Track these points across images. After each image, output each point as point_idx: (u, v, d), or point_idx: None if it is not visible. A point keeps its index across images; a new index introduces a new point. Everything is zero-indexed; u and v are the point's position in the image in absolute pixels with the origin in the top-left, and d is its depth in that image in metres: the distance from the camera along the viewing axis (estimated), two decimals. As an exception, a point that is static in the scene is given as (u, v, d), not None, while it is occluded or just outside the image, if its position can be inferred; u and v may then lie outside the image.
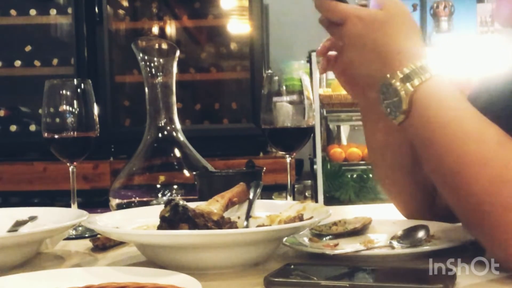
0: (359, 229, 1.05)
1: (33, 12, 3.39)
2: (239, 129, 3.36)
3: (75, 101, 1.20)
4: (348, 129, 4.02)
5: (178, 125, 1.40)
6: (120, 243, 1.07)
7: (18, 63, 3.37)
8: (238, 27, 3.56)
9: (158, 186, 1.37)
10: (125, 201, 1.35)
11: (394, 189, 1.14)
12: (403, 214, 1.16)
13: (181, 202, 0.91)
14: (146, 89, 1.38)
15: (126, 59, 3.40)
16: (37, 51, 3.43)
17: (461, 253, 0.88)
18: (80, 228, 1.18)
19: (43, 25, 3.48)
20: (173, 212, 0.90)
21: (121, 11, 3.64)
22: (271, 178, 2.63)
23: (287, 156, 1.21)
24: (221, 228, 0.93)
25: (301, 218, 0.96)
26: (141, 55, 1.37)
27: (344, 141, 3.97)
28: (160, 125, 1.38)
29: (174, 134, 1.40)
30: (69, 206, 1.18)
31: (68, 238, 1.15)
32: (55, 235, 1.02)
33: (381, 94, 0.87)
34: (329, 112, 3.61)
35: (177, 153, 1.40)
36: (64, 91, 1.20)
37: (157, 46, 1.41)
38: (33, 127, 3.31)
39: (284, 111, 1.18)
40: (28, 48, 3.42)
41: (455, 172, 0.81)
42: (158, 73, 1.37)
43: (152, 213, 0.99)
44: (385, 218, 1.15)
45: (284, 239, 0.95)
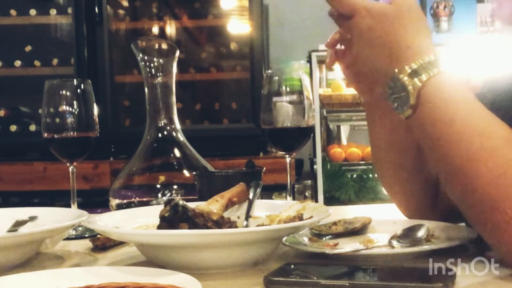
0: (359, 229, 1.05)
1: (33, 12, 3.40)
2: (239, 129, 3.36)
3: (75, 101, 1.20)
4: (348, 129, 4.02)
5: (178, 125, 1.40)
6: (120, 243, 1.07)
7: (18, 63, 3.37)
8: (238, 27, 3.56)
9: (158, 186, 1.37)
10: (125, 201, 1.35)
11: (396, 188, 1.14)
12: (404, 214, 1.16)
13: (181, 202, 0.91)
14: (146, 89, 1.38)
15: (126, 59, 3.40)
16: (37, 51, 3.43)
17: (461, 253, 0.88)
18: (80, 228, 1.18)
19: (43, 25, 3.49)
20: (173, 212, 0.90)
21: (121, 11, 3.64)
22: (271, 178, 2.63)
23: (287, 156, 1.21)
24: (221, 228, 0.93)
25: (300, 218, 0.96)
26: (141, 55, 1.37)
27: (344, 141, 3.97)
28: (160, 125, 1.38)
29: (174, 134, 1.40)
30: (69, 206, 1.18)
31: (68, 238, 1.15)
32: (55, 235, 1.02)
33: (388, 88, 0.87)
34: (329, 112, 3.61)
35: (177, 153, 1.40)
36: (64, 91, 1.20)
37: (157, 46, 1.41)
38: (33, 127, 3.31)
39: (284, 111, 1.18)
40: (28, 48, 3.42)
41: (461, 167, 0.81)
42: (158, 73, 1.37)
43: (152, 213, 0.99)
44: (385, 218, 1.15)
45: (284, 239, 0.95)
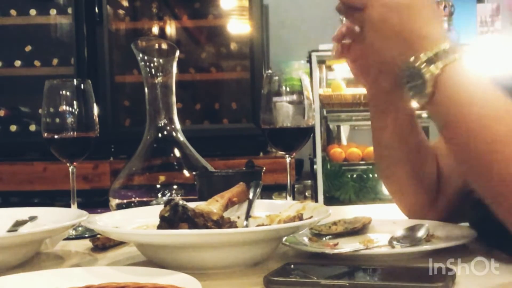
0: (359, 229, 1.05)
1: (33, 12, 3.39)
2: (239, 129, 3.35)
3: (75, 101, 1.20)
4: (348, 129, 4.01)
5: (178, 125, 1.40)
6: (120, 243, 1.07)
7: (18, 63, 3.37)
8: (238, 27, 3.56)
9: (158, 186, 1.37)
10: (125, 201, 1.35)
11: (397, 186, 1.14)
12: (403, 212, 1.16)
13: (181, 202, 0.92)
14: (146, 89, 1.38)
15: (126, 59, 3.40)
16: (37, 51, 3.43)
17: (461, 253, 0.88)
18: (80, 228, 1.18)
19: (43, 25, 3.48)
20: (172, 212, 0.90)
21: (121, 11, 3.64)
22: (271, 178, 2.63)
23: (287, 156, 1.21)
24: (221, 228, 0.93)
25: (300, 218, 0.96)
26: (141, 55, 1.37)
27: (344, 141, 3.97)
28: (160, 125, 1.38)
29: (174, 134, 1.40)
30: (69, 206, 1.18)
31: (68, 238, 1.15)
32: (55, 235, 1.02)
33: (404, 77, 0.87)
34: (329, 112, 3.60)
35: (177, 153, 1.40)
36: (64, 91, 1.20)
37: (157, 46, 1.41)
38: (33, 127, 3.30)
39: (284, 111, 1.18)
40: (28, 48, 3.42)
41: (484, 153, 0.80)
42: (158, 73, 1.37)
43: (152, 213, 0.99)
44: (385, 218, 1.15)
45: (284, 239, 0.95)
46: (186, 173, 1.38)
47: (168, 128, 1.39)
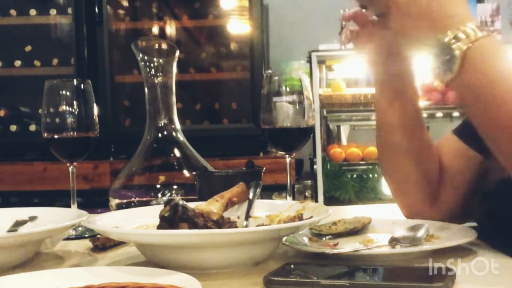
0: (359, 229, 1.05)
1: (33, 12, 3.39)
2: (239, 129, 3.35)
3: (75, 101, 1.20)
4: (348, 129, 4.01)
5: (178, 125, 1.40)
6: (120, 243, 1.07)
7: (18, 63, 3.37)
8: (238, 27, 3.55)
9: (158, 186, 1.37)
10: (125, 201, 1.35)
11: (398, 177, 1.15)
12: (403, 211, 1.16)
13: (181, 202, 0.91)
14: (146, 89, 1.38)
15: (126, 59, 3.40)
16: (37, 51, 3.43)
17: (461, 253, 0.88)
18: (80, 228, 1.18)
19: (43, 25, 3.48)
20: (172, 212, 0.90)
21: (121, 11, 3.63)
22: (271, 178, 2.63)
23: (287, 156, 1.21)
24: (220, 227, 0.93)
25: (300, 218, 0.96)
26: (141, 55, 1.37)
27: (344, 141, 3.97)
28: (160, 125, 1.38)
29: (174, 134, 1.40)
30: (69, 206, 1.18)
31: (68, 238, 1.15)
32: (55, 235, 1.02)
33: (431, 54, 0.89)
34: (329, 112, 3.60)
35: (177, 153, 1.40)
36: (64, 91, 1.20)
37: (157, 46, 1.41)
38: (33, 127, 3.30)
39: (284, 111, 1.18)
40: (28, 48, 3.42)
41: (508, 127, 0.84)
42: (158, 73, 1.37)
43: (152, 213, 0.99)
44: (385, 218, 1.15)
45: (284, 239, 0.95)
46: (186, 173, 1.38)
47: (168, 128, 1.39)
